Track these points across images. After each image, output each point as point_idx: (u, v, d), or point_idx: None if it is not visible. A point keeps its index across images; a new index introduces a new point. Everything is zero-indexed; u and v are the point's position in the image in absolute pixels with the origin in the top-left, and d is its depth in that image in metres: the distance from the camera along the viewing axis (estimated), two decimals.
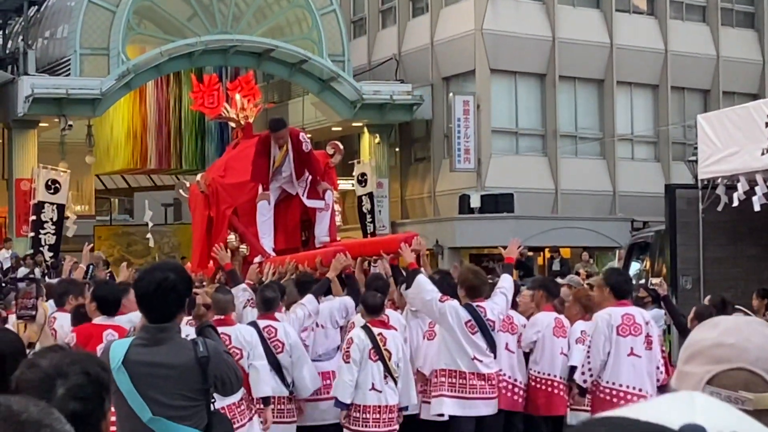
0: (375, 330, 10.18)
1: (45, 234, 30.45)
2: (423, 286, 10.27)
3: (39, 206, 30.54)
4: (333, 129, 35.02)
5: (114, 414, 5.61)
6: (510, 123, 33.85)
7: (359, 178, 34.09)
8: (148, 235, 30.60)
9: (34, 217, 30.44)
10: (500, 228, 30.86)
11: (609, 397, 10.08)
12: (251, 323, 10.20)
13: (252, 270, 12.66)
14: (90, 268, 25.05)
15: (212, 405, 5.53)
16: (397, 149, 36.45)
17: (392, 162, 36.03)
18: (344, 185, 30.36)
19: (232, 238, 14.66)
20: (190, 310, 7.39)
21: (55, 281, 10.20)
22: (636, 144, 35.65)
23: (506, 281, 10.75)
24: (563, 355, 11.28)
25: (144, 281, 5.52)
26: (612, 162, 34.54)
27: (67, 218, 31.24)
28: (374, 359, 10.12)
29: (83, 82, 31.38)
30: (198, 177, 16.30)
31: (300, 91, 36.83)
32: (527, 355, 11.45)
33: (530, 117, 34.15)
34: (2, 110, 32.36)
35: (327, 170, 15.36)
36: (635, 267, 20.34)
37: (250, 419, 9.34)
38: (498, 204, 31.85)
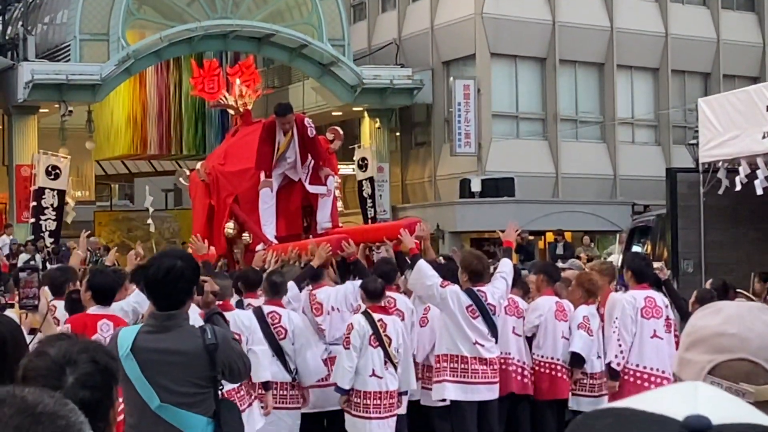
0: (375, 316, 10.18)
1: (45, 220, 30.45)
2: (424, 272, 10.27)
3: (39, 192, 30.54)
4: (333, 114, 34.97)
5: (122, 402, 5.65)
6: (510, 107, 33.82)
7: (360, 163, 34.06)
8: (149, 221, 30.53)
9: (35, 203, 30.43)
10: (501, 212, 30.82)
11: (634, 379, 10.15)
12: (255, 308, 10.20)
13: (258, 257, 12.69)
14: (92, 255, 25.13)
15: (220, 392, 5.54)
16: (398, 134, 36.40)
17: (393, 146, 35.99)
18: (344, 170, 30.35)
19: (230, 226, 14.64)
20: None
21: (55, 267, 10.05)
22: (636, 127, 35.61)
23: (506, 266, 10.75)
24: (564, 339, 11.29)
25: (152, 269, 5.52)
26: (612, 146, 34.51)
27: (67, 204, 31.25)
28: (374, 345, 10.11)
29: (83, 68, 31.33)
30: (198, 165, 16.26)
31: (300, 76, 36.78)
32: (529, 340, 11.47)
33: (531, 101, 34.11)
34: (2, 96, 32.34)
35: (327, 156, 15.35)
36: (636, 251, 20.33)
37: (250, 404, 9.33)
38: (498, 188, 31.84)
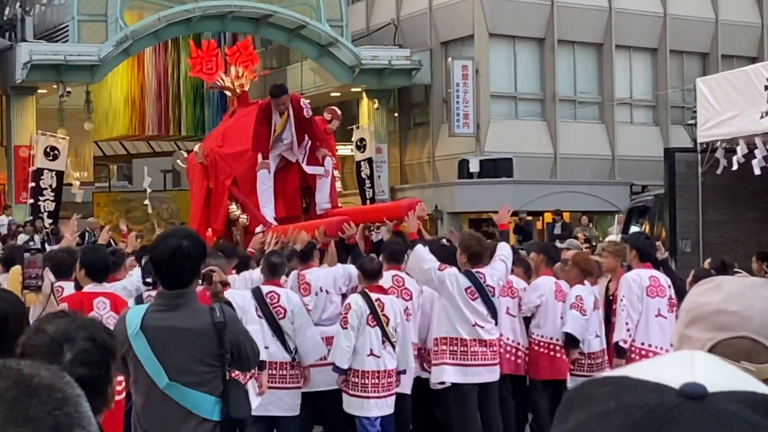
0: (373, 295, 10.19)
1: (44, 201, 30.47)
2: (421, 256, 10.27)
3: (38, 173, 30.55)
4: (331, 94, 34.93)
5: (132, 381, 5.66)
6: (509, 87, 33.79)
7: (358, 144, 34.05)
8: (146, 201, 30.58)
9: (33, 184, 30.45)
10: (499, 192, 30.80)
11: (639, 357, 10.16)
12: (254, 289, 10.21)
13: (255, 240, 12.70)
14: (88, 235, 25.12)
15: (228, 373, 5.55)
16: (396, 114, 36.39)
17: (391, 127, 35.97)
18: (343, 151, 30.35)
19: (233, 208, 14.66)
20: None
21: (63, 248, 9.99)
22: (635, 108, 35.59)
23: (505, 249, 10.74)
24: (563, 319, 11.31)
25: (158, 249, 5.54)
26: (611, 126, 34.49)
27: (70, 185, 31.27)
28: (372, 325, 10.13)
29: (81, 49, 31.30)
30: (196, 147, 16.25)
31: (298, 57, 36.73)
32: (527, 320, 11.47)
33: (529, 81, 34.07)
34: (0, 77, 32.30)
35: (325, 137, 15.34)
36: (639, 230, 20.34)
37: (245, 384, 9.34)
38: (497, 169, 31.83)
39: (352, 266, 11.24)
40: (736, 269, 12.17)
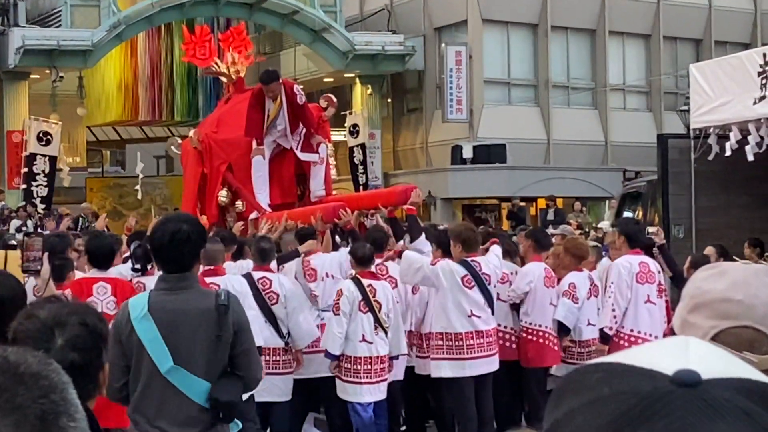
0: (365, 281, 10.19)
1: (37, 186, 30.41)
2: (410, 259, 10.25)
3: (31, 158, 30.48)
4: (325, 80, 34.88)
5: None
6: (502, 73, 33.75)
7: (351, 129, 33.99)
8: (137, 187, 30.50)
9: (26, 170, 30.38)
10: (493, 178, 30.91)
11: (629, 344, 10.15)
12: (245, 275, 10.20)
13: (262, 228, 12.71)
14: (82, 221, 25.08)
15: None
16: (389, 100, 36.34)
17: (384, 113, 35.93)
18: (336, 136, 30.27)
19: (223, 194, 14.63)
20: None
21: (54, 233, 10.04)
22: (628, 94, 35.58)
23: (495, 249, 10.79)
24: (552, 306, 11.25)
25: (158, 233, 5.53)
26: (604, 112, 34.49)
27: (60, 170, 31.19)
28: (364, 311, 10.13)
29: (74, 34, 31.21)
30: (190, 133, 16.21)
31: (292, 42, 36.64)
32: (516, 306, 11.42)
33: (522, 67, 34.05)
34: None
35: (321, 124, 15.30)
36: (628, 216, 20.32)
37: None
38: (490, 154, 31.81)
39: None
40: (734, 257, 12.16)
